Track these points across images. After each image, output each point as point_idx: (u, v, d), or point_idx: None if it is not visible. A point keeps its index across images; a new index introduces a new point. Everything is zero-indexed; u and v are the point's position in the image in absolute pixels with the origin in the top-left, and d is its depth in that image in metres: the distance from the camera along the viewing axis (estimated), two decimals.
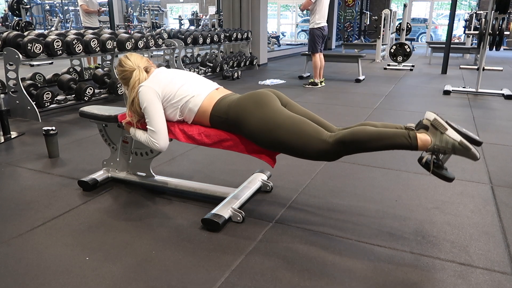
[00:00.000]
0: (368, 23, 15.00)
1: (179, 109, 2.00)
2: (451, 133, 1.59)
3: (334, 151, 1.73)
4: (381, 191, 2.37)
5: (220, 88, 2.11)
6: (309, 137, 1.74)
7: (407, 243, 1.81)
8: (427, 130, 1.63)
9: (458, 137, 1.58)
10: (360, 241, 1.82)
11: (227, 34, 7.25)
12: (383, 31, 9.67)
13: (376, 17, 10.15)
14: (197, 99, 1.98)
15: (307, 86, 6.09)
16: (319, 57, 5.98)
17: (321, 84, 6.12)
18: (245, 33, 7.79)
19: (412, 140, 1.62)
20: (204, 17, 16.20)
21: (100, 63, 5.93)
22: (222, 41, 7.09)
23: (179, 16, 17.31)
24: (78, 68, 5.56)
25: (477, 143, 1.59)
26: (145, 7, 14.03)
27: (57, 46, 4.09)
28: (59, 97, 4.37)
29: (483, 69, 5.57)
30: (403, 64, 8.23)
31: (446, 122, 1.61)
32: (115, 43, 4.81)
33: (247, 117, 1.84)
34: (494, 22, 5.36)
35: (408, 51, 8.00)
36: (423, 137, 1.62)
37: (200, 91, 2.00)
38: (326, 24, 5.87)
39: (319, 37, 5.85)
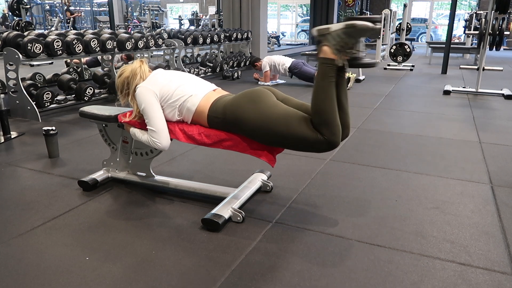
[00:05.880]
0: None
1: (177, 108, 2.01)
2: (334, 27, 1.68)
3: (322, 136, 1.73)
4: (381, 191, 2.37)
5: (217, 89, 2.11)
6: (305, 129, 1.75)
7: (407, 243, 1.81)
8: (321, 43, 1.72)
9: (341, 25, 1.65)
10: (360, 241, 1.82)
11: (227, 34, 7.24)
12: (383, 31, 9.66)
13: None
14: (195, 99, 1.98)
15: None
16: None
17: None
18: (245, 33, 7.78)
19: (326, 60, 1.69)
20: (204, 17, 16.21)
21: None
22: (222, 41, 7.09)
23: (179, 16, 17.33)
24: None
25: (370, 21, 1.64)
26: (145, 7, 14.03)
27: (57, 46, 4.09)
28: (59, 97, 4.37)
29: (483, 69, 5.57)
30: (403, 64, 8.23)
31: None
32: (115, 43, 4.80)
33: (244, 114, 1.84)
34: (494, 22, 5.36)
35: (408, 51, 7.99)
36: (323, 49, 1.71)
37: (197, 91, 2.01)
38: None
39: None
